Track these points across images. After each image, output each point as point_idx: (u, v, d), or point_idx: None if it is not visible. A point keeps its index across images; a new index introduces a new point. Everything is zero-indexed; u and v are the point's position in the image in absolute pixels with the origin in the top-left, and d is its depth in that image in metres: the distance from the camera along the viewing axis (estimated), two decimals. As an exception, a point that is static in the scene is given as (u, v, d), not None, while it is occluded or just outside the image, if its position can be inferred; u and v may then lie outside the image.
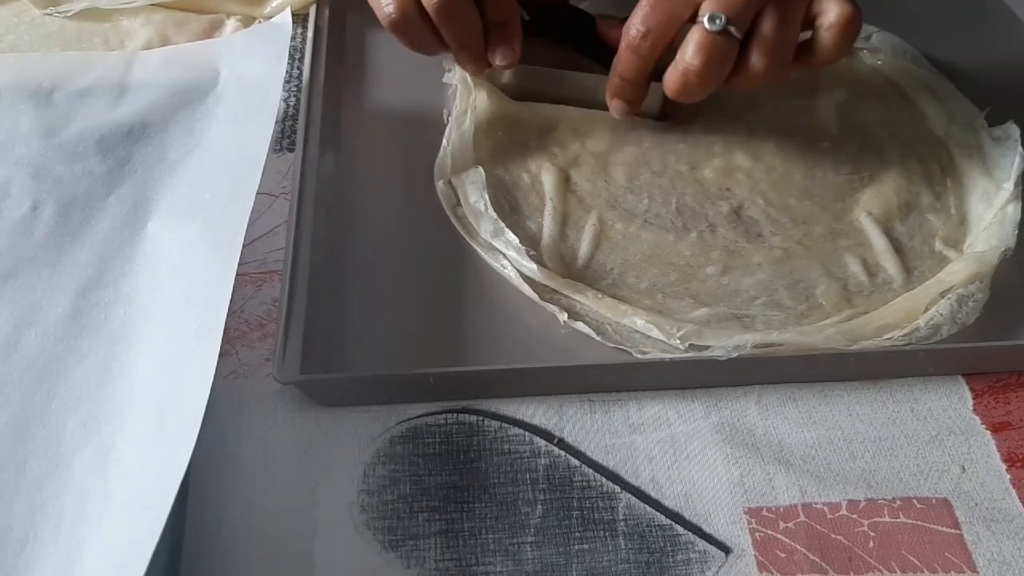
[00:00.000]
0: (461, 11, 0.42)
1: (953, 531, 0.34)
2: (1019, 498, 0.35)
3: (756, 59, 0.40)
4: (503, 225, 0.41)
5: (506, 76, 0.47)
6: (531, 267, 0.40)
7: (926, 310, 0.39)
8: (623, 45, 0.42)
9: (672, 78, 0.40)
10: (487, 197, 0.42)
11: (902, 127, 0.48)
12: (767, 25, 0.40)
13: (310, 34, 0.50)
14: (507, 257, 0.41)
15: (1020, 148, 0.45)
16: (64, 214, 0.40)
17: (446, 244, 0.43)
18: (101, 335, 0.36)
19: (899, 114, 0.49)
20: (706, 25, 0.39)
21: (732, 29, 0.39)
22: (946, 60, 0.51)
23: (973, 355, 0.39)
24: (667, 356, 0.37)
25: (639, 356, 0.38)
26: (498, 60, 0.44)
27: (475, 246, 0.42)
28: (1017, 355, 0.39)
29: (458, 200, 0.43)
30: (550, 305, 0.39)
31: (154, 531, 0.28)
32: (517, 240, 0.40)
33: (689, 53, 0.39)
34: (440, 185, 0.44)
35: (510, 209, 0.43)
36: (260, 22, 0.51)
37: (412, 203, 0.44)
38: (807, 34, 0.41)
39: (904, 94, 0.50)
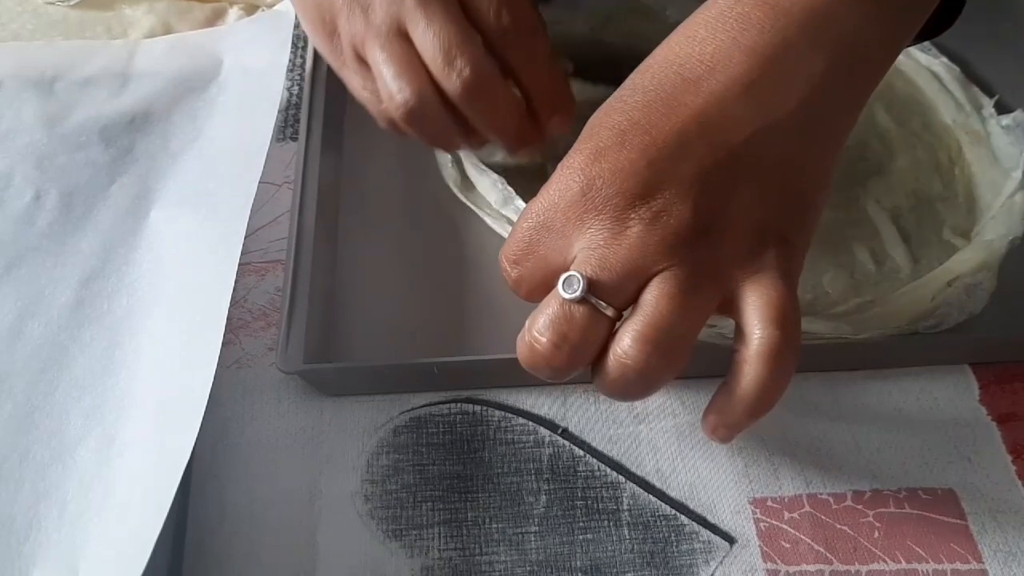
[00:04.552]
0: (493, 87, 0.35)
1: (959, 522, 0.34)
2: (1026, 488, 0.35)
3: (622, 347, 0.27)
4: (512, 191, 0.40)
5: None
6: None
7: (933, 299, 0.39)
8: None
9: (520, 349, 0.29)
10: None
11: (910, 115, 0.48)
12: (650, 301, 0.27)
13: (313, 22, 0.50)
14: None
15: (1029, 136, 0.44)
16: (67, 203, 0.40)
17: (450, 234, 0.42)
18: (104, 325, 0.36)
19: (906, 102, 0.49)
20: (561, 291, 0.28)
21: (597, 302, 0.28)
22: (954, 47, 0.51)
23: (980, 345, 0.39)
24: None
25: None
26: (554, 130, 0.37)
27: (483, 215, 0.41)
28: (1025, 345, 0.39)
29: (463, 175, 0.43)
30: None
31: (157, 520, 0.28)
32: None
33: (538, 324, 0.28)
34: (448, 166, 0.43)
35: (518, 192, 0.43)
36: (263, 10, 0.51)
37: (415, 192, 0.44)
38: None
39: (911, 82, 0.50)
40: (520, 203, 0.40)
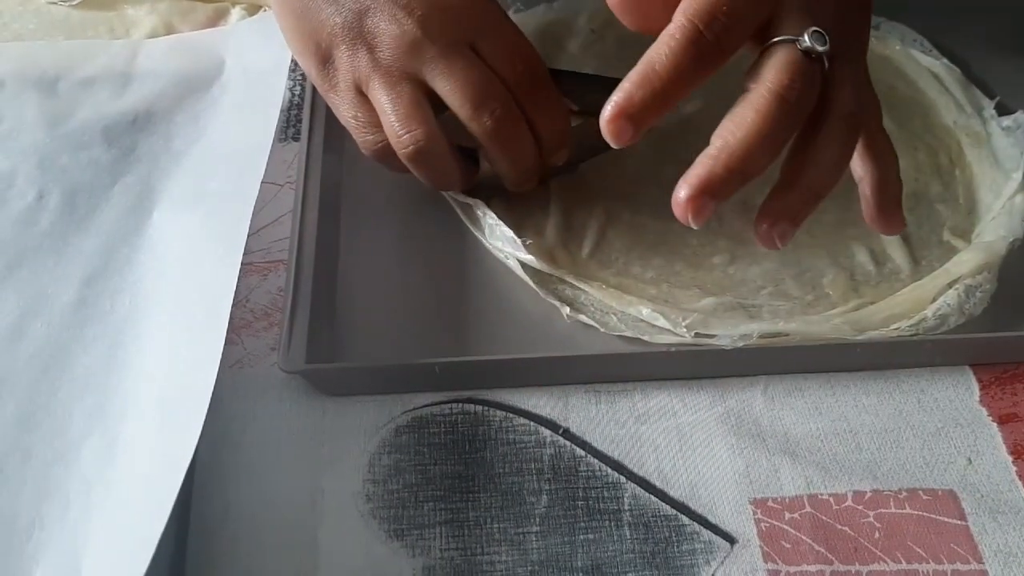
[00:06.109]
0: (521, 126, 0.38)
1: (959, 522, 0.34)
2: (1026, 489, 0.35)
3: (827, 138, 0.31)
4: (496, 221, 0.40)
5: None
6: (528, 258, 0.39)
7: (933, 300, 0.39)
8: (668, 36, 0.29)
9: (760, 104, 0.29)
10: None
11: (910, 116, 0.48)
12: (844, 93, 0.31)
13: (315, 23, 0.50)
14: (504, 252, 0.41)
15: (1030, 138, 0.44)
16: (69, 203, 0.40)
17: (451, 233, 0.42)
18: (107, 324, 0.36)
19: (907, 103, 0.49)
20: (807, 41, 0.29)
21: (826, 60, 0.30)
22: (955, 48, 0.51)
23: (980, 346, 0.39)
24: (673, 346, 0.37)
25: (645, 346, 0.38)
26: (554, 162, 0.40)
27: (478, 235, 0.42)
28: (1025, 346, 0.39)
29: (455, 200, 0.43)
30: (552, 299, 0.39)
31: (160, 520, 0.28)
32: (511, 234, 0.40)
33: (786, 79, 0.29)
34: None
35: (516, 199, 0.43)
36: (265, 10, 0.51)
37: (417, 191, 0.44)
38: None
39: (912, 83, 0.50)
40: (506, 230, 0.40)
